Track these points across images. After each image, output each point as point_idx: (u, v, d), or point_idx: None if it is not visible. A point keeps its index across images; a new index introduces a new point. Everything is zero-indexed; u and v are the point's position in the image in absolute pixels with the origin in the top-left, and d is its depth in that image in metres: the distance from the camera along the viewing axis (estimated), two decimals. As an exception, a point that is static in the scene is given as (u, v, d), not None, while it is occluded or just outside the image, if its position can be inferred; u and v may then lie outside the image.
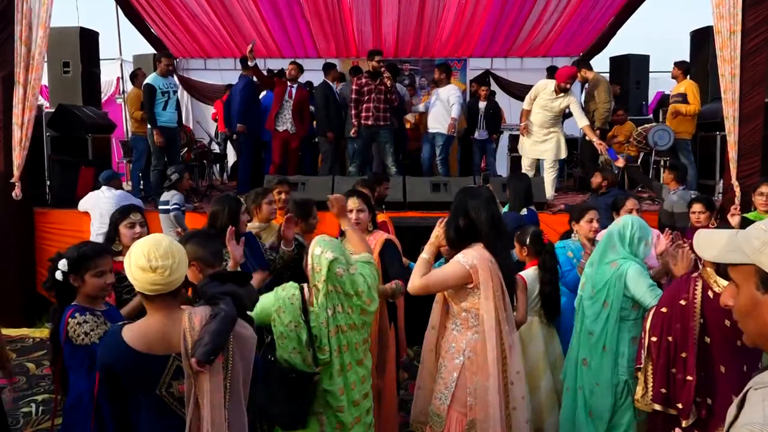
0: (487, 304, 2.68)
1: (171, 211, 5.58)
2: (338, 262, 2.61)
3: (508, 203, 5.00)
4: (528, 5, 9.86)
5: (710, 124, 7.33)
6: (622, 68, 10.43)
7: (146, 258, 1.98)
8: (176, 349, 2.04)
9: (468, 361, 2.71)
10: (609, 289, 3.19)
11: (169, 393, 2.05)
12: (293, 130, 7.52)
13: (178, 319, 2.07)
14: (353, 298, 2.68)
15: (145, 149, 7.50)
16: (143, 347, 2.01)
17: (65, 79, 8.06)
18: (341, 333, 2.65)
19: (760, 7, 5.64)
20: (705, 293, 2.66)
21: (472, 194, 2.84)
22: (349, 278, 2.66)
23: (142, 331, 2.04)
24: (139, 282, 2.01)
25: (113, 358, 2.03)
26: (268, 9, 9.95)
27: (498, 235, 2.78)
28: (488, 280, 2.66)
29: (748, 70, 5.68)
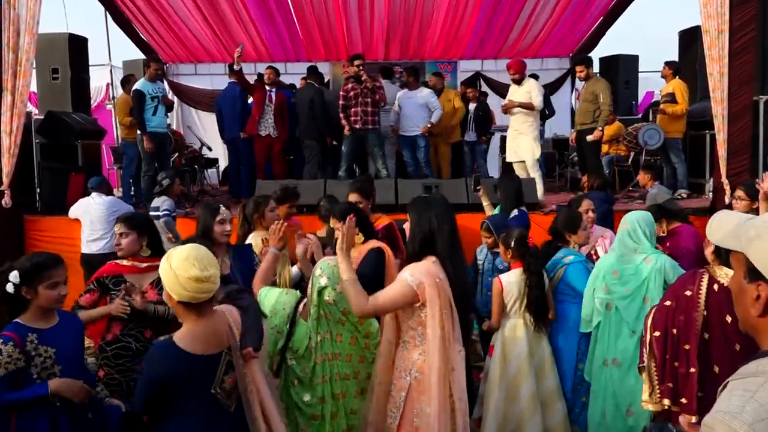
0: (433, 323, 2.54)
1: (161, 217, 5.55)
2: (328, 290, 2.64)
3: (500, 204, 5.01)
4: (517, 7, 9.90)
5: (699, 122, 7.37)
6: (612, 68, 10.49)
7: (199, 269, 2.10)
8: (225, 345, 2.22)
9: (415, 381, 2.60)
10: (649, 285, 3.29)
11: (222, 389, 2.20)
12: (275, 134, 7.53)
13: (219, 317, 2.24)
14: (345, 324, 2.69)
15: (136, 155, 7.47)
16: (201, 350, 2.15)
17: (54, 85, 8.01)
18: (327, 361, 2.66)
19: (747, 6, 5.68)
20: (710, 286, 2.73)
21: (427, 204, 2.75)
22: (342, 307, 2.66)
23: (195, 335, 2.17)
24: (189, 292, 2.11)
25: (172, 367, 2.12)
26: (257, 13, 9.93)
27: (453, 247, 2.67)
28: (435, 297, 2.53)
29: (735, 69, 5.72)
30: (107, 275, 3.13)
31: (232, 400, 2.24)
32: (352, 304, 2.59)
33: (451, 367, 2.58)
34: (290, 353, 2.66)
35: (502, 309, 3.66)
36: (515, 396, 3.55)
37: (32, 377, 2.39)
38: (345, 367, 2.71)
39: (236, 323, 2.27)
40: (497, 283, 3.67)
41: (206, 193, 8.67)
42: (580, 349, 3.67)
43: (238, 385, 2.24)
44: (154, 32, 10.55)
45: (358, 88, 7.27)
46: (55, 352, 2.44)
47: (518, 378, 3.56)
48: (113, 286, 3.08)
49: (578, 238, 3.88)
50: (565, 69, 11.57)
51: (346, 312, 2.67)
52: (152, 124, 6.98)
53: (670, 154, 7.47)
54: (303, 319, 2.70)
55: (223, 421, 2.20)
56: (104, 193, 5.96)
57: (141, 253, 3.17)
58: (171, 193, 5.91)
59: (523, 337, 3.61)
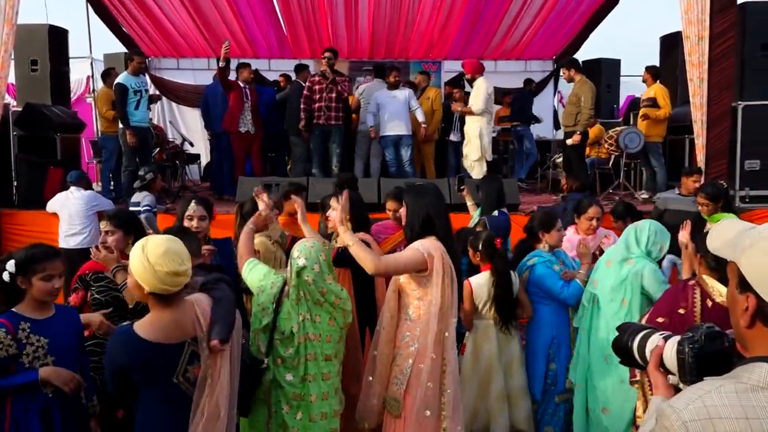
0: (437, 291, 2.78)
1: (142, 213, 5.49)
2: (307, 270, 2.66)
3: (481, 205, 5.04)
4: (502, 9, 9.95)
5: (679, 127, 7.47)
6: (594, 72, 10.56)
7: (177, 263, 2.12)
8: (190, 335, 2.21)
9: (420, 348, 2.82)
10: (626, 287, 3.28)
11: (186, 378, 2.20)
12: (253, 131, 7.50)
13: (186, 307, 2.24)
14: (323, 305, 2.72)
15: (116, 149, 7.38)
16: (159, 338, 2.15)
17: (33, 77, 7.88)
18: (308, 341, 2.70)
19: (727, 13, 5.78)
20: (704, 302, 2.66)
21: (422, 192, 3.01)
22: (321, 287, 2.70)
23: (154, 324, 2.17)
24: (164, 284, 2.12)
25: (128, 355, 2.13)
26: (242, 9, 9.87)
27: (448, 228, 2.96)
28: (440, 268, 2.78)
29: (715, 75, 5.81)
30: (89, 272, 3.12)
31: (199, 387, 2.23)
32: (365, 263, 2.76)
33: (446, 332, 2.81)
34: (278, 333, 2.70)
35: (473, 310, 3.70)
36: (486, 392, 3.64)
37: (24, 366, 2.41)
38: (327, 348, 2.75)
39: (204, 313, 2.26)
40: (467, 286, 3.68)
41: (187, 189, 8.59)
42: (551, 350, 3.68)
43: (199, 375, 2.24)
44: (136, 25, 10.43)
45: (324, 82, 7.28)
46: (48, 343, 2.47)
47: (488, 375, 3.64)
48: (93, 283, 3.07)
49: (551, 238, 3.81)
50: (548, 71, 11.66)
51: (324, 292, 2.71)
52: (135, 119, 6.90)
53: (651, 158, 7.57)
54: (286, 297, 2.75)
55: (188, 410, 2.19)
56: (83, 188, 5.89)
57: (126, 250, 3.14)
58: (152, 189, 5.85)
59: (494, 337, 3.67)
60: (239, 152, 7.57)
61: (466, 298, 3.66)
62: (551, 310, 3.71)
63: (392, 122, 7.60)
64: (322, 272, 2.72)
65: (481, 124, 7.19)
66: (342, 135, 7.51)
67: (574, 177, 5.84)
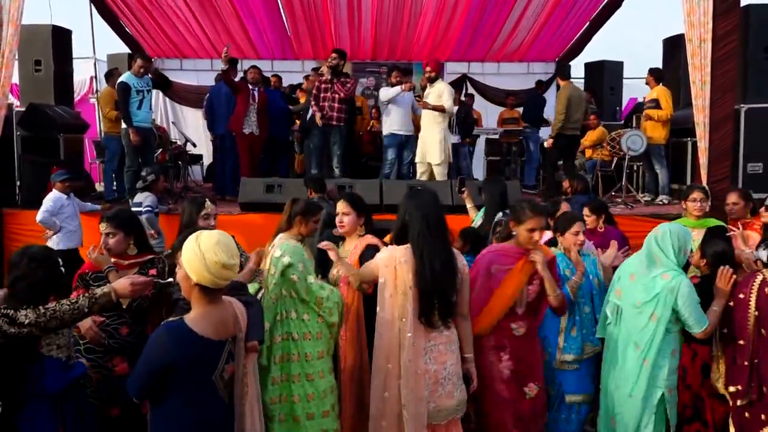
0: (385, 302, 2.75)
1: (143, 214, 5.51)
2: (294, 268, 2.68)
3: (484, 207, 5.03)
4: (505, 11, 9.95)
5: (682, 129, 7.46)
6: (597, 74, 10.60)
7: (227, 255, 2.14)
8: (231, 333, 2.26)
9: (377, 355, 2.82)
10: (658, 303, 3.12)
11: (221, 378, 2.22)
12: (257, 133, 7.52)
13: (226, 306, 2.28)
14: (309, 304, 2.73)
15: (118, 149, 7.39)
16: (211, 333, 2.17)
17: (37, 77, 7.90)
18: (291, 341, 2.67)
19: (730, 16, 5.76)
20: (762, 289, 3.07)
21: (412, 197, 2.93)
22: (306, 285, 2.71)
23: (206, 319, 2.18)
24: (213, 277, 2.14)
25: (181, 350, 2.11)
26: (245, 10, 9.88)
27: (431, 235, 2.79)
28: (391, 275, 2.74)
29: (718, 78, 5.79)
30: (89, 271, 3.13)
31: (227, 390, 2.27)
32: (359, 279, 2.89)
33: (402, 345, 2.72)
34: None
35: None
36: None
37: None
38: (319, 345, 2.75)
39: (242, 314, 2.32)
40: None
41: (190, 190, 8.60)
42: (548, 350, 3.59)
43: (235, 377, 2.28)
44: (139, 26, 10.45)
45: (329, 82, 7.28)
46: None
47: None
48: (93, 282, 3.06)
49: (565, 241, 3.70)
50: (550, 73, 11.65)
51: (307, 291, 2.73)
52: (137, 119, 6.90)
53: (653, 160, 7.55)
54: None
55: (216, 411, 2.21)
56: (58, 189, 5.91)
57: (129, 251, 3.16)
58: (155, 189, 5.86)
59: None
60: (243, 153, 7.57)
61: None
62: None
63: (400, 121, 7.57)
64: (306, 270, 2.73)
65: (443, 126, 7.17)
66: (343, 136, 7.48)
67: (579, 178, 5.83)
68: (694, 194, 4.69)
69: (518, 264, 3.15)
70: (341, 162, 7.48)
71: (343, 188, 6.36)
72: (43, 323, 2.34)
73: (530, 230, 3.09)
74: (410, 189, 3.19)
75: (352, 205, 3.44)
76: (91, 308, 2.43)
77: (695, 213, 4.64)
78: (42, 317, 2.33)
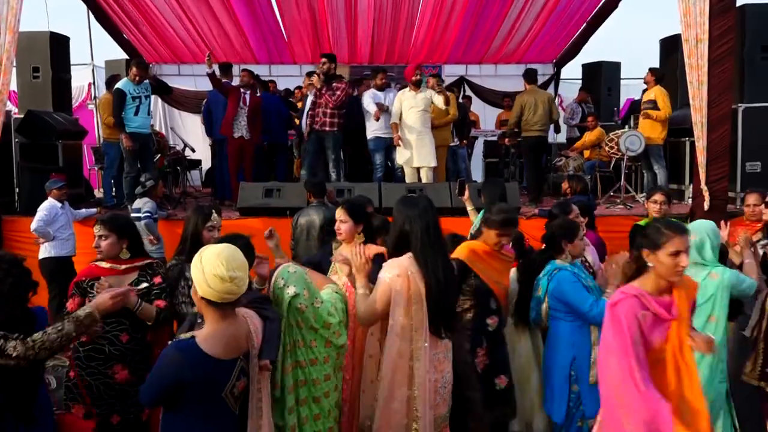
0: (397, 313, 2.70)
1: (142, 219, 5.52)
2: (300, 297, 2.61)
3: (483, 209, 5.03)
4: (502, 12, 9.97)
5: (680, 129, 7.48)
6: (595, 75, 10.62)
7: (226, 268, 2.10)
8: (243, 351, 2.23)
9: (384, 368, 2.76)
10: (715, 303, 3.09)
11: (231, 393, 2.20)
12: (248, 136, 7.51)
13: (240, 322, 2.25)
14: (319, 330, 2.67)
15: (118, 156, 7.39)
16: (221, 353, 2.14)
17: (35, 84, 7.91)
18: (300, 368, 2.64)
19: (726, 16, 5.78)
20: None
21: (408, 205, 2.86)
22: (314, 311, 2.66)
23: (217, 338, 2.15)
24: (215, 291, 2.11)
25: (191, 370, 2.07)
26: (243, 15, 9.90)
27: (431, 244, 2.77)
28: (403, 289, 2.70)
29: (715, 78, 5.80)
30: (86, 278, 3.08)
31: (238, 404, 2.26)
32: (360, 316, 2.83)
33: (416, 356, 2.70)
34: None
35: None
36: (526, 385, 3.69)
37: None
38: (325, 369, 2.71)
39: (256, 331, 2.28)
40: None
41: (189, 195, 8.60)
42: (573, 371, 3.39)
43: (248, 391, 2.27)
44: (137, 32, 10.47)
45: (320, 89, 7.25)
46: None
47: (527, 368, 3.71)
48: (90, 290, 3.03)
49: (574, 248, 3.59)
50: (548, 75, 11.67)
51: (315, 317, 2.66)
52: (135, 125, 6.90)
53: (652, 161, 7.56)
54: None
55: (226, 424, 2.21)
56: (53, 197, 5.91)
57: (121, 255, 3.13)
58: (154, 195, 5.87)
59: (526, 333, 3.75)
60: (232, 157, 7.58)
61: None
62: (573, 328, 3.38)
63: (384, 124, 7.51)
64: (311, 296, 2.67)
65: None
66: (337, 141, 7.41)
67: (577, 180, 5.84)
68: (655, 196, 4.74)
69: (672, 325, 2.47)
70: (336, 166, 7.46)
71: (342, 192, 6.36)
72: (32, 356, 2.38)
73: (675, 254, 2.44)
74: (404, 197, 3.14)
75: (349, 213, 3.38)
76: (78, 330, 2.48)
77: (654, 214, 4.71)
78: (30, 350, 2.37)
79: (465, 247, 3.45)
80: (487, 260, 3.39)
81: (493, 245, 3.38)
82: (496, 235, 3.33)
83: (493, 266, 3.41)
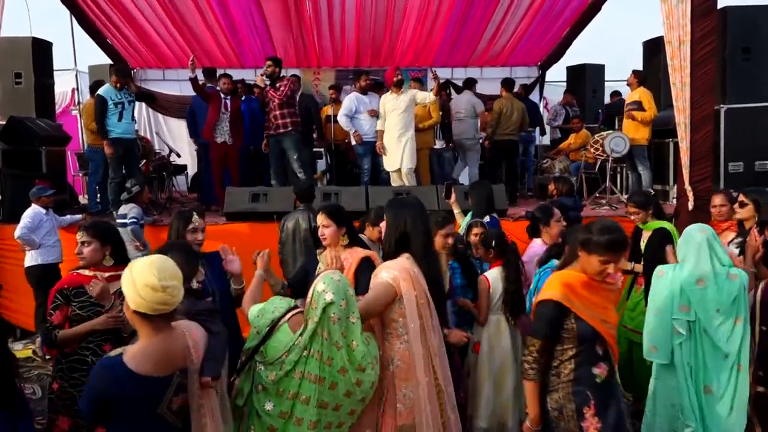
0: (411, 314, 2.73)
1: (129, 225, 5.48)
2: (334, 306, 2.52)
3: (471, 211, 5.05)
4: (487, 16, 10.01)
5: (663, 130, 7.55)
6: (579, 77, 10.73)
7: (158, 277, 2.01)
8: (179, 366, 2.11)
9: (397, 369, 2.75)
10: (739, 304, 3.05)
11: (169, 409, 2.11)
12: (230, 142, 7.50)
13: (176, 336, 2.13)
14: (341, 349, 2.55)
15: (102, 162, 7.33)
16: (150, 371, 2.05)
17: (17, 90, 7.83)
18: (307, 381, 2.51)
19: (708, 18, 5.83)
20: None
21: (404, 206, 2.95)
22: (345, 325, 2.56)
23: (146, 354, 2.06)
24: (146, 301, 2.02)
25: (115, 387, 2.01)
26: (227, 20, 9.86)
27: (427, 246, 2.89)
28: (410, 289, 2.74)
29: (697, 79, 5.86)
30: (68, 286, 3.02)
31: (180, 418, 2.16)
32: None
33: (434, 352, 2.77)
34: (259, 356, 2.57)
35: (488, 305, 3.79)
36: (501, 387, 3.70)
37: None
38: (327, 395, 2.53)
39: (195, 344, 2.15)
40: (484, 281, 3.80)
41: (175, 201, 8.55)
42: None
43: (190, 406, 2.16)
44: (120, 37, 10.38)
45: (270, 92, 7.25)
46: None
47: (504, 368, 3.72)
48: (74, 298, 2.98)
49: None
50: (533, 78, 11.74)
51: (344, 334, 2.55)
52: (118, 131, 6.84)
53: (636, 162, 7.63)
54: (290, 328, 2.59)
55: None
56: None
57: (104, 262, 3.08)
58: (139, 201, 5.82)
59: (506, 332, 3.77)
60: (215, 162, 7.56)
61: (484, 294, 3.78)
62: None
63: (368, 128, 7.54)
64: (348, 309, 2.57)
65: (412, 130, 7.23)
66: (296, 141, 7.37)
67: (563, 181, 5.87)
68: (628, 208, 4.68)
69: None
70: (302, 167, 7.39)
71: (329, 196, 6.35)
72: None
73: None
74: (395, 198, 3.18)
75: (331, 217, 3.36)
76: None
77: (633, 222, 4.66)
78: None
79: (557, 282, 2.71)
80: (587, 295, 2.66)
81: (594, 274, 2.66)
82: (600, 262, 2.62)
83: (595, 302, 2.67)
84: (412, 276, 2.76)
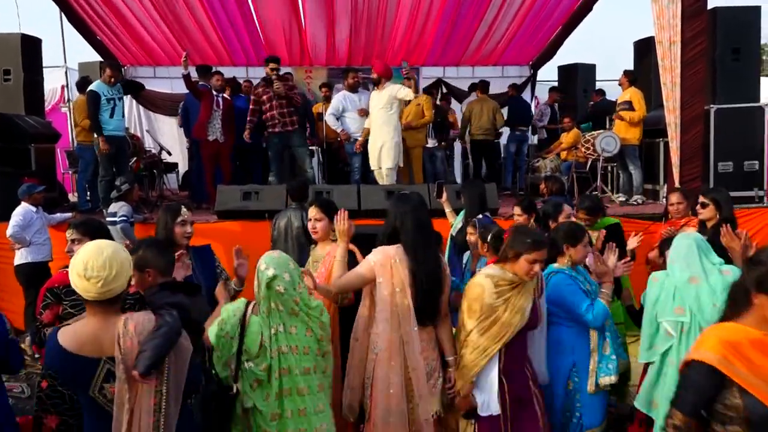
0: (384, 298, 2.88)
1: (119, 223, 5.45)
2: (279, 279, 2.62)
3: (464, 209, 5.05)
4: (478, 15, 10.03)
5: (654, 130, 7.59)
6: (571, 76, 10.75)
7: (84, 266, 2.08)
8: (108, 353, 2.13)
9: (379, 354, 2.91)
10: None
11: (102, 394, 2.14)
12: (222, 140, 7.47)
13: (113, 324, 2.15)
14: (299, 315, 2.68)
15: (92, 159, 7.28)
16: (74, 348, 2.10)
17: (6, 87, 7.76)
18: (281, 355, 2.63)
19: (698, 19, 5.88)
20: None
21: (402, 201, 3.07)
22: (293, 296, 2.65)
23: (75, 333, 2.14)
24: (78, 287, 2.11)
25: (50, 358, 2.16)
26: (218, 17, 9.81)
27: (422, 237, 2.97)
28: (387, 275, 2.88)
29: (687, 79, 5.90)
30: (59, 285, 3.00)
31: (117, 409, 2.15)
32: (335, 282, 3.05)
33: (405, 340, 2.87)
34: (245, 355, 2.62)
35: None
36: None
37: None
38: (305, 360, 2.68)
39: (129, 334, 2.11)
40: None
41: (165, 199, 8.50)
42: (574, 378, 3.30)
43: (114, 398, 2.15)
44: (110, 34, 10.31)
45: (270, 91, 7.20)
46: None
47: None
48: (65, 297, 2.96)
49: (576, 253, 3.37)
50: (525, 77, 11.77)
51: (297, 301, 2.67)
52: (109, 127, 6.81)
53: (627, 161, 7.67)
54: (254, 314, 2.69)
55: (107, 423, 2.13)
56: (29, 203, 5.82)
57: None
58: (129, 199, 5.79)
59: None
60: (207, 160, 7.52)
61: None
62: (574, 332, 3.30)
63: (356, 126, 7.51)
64: (293, 281, 2.67)
65: (399, 131, 7.09)
66: (303, 137, 7.43)
67: (553, 180, 5.89)
68: (579, 215, 4.60)
69: None
70: (310, 163, 7.40)
71: (321, 194, 6.34)
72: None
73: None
74: (399, 193, 3.27)
75: (323, 211, 3.45)
76: None
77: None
78: None
79: (714, 339, 2.02)
80: (758, 359, 1.92)
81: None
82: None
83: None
84: (392, 262, 2.88)
